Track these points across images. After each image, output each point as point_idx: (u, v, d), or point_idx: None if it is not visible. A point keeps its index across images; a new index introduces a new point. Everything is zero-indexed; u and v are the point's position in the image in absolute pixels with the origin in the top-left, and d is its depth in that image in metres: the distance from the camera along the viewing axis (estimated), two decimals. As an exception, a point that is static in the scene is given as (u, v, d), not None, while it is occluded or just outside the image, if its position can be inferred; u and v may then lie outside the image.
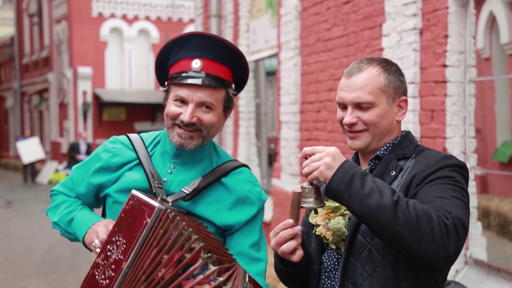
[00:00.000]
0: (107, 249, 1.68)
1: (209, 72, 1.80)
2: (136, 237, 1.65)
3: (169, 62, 1.86)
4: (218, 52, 1.82)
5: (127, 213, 1.68)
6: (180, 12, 20.66)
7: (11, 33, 27.53)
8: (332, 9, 5.90)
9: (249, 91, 8.56)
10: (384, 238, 1.51)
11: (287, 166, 6.90)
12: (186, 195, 1.81)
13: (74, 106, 19.63)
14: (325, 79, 6.04)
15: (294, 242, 1.63)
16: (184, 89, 1.79)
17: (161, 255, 1.63)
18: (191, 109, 1.78)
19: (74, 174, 1.99)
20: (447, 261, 1.46)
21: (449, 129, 4.18)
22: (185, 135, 1.80)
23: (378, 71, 1.71)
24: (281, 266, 1.76)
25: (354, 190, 1.50)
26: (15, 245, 8.98)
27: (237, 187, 1.88)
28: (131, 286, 1.65)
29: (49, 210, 2.00)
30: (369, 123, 1.70)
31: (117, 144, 1.94)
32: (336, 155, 1.56)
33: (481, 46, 9.27)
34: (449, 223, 1.46)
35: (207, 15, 9.32)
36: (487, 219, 7.77)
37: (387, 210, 1.46)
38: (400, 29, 4.60)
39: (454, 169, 1.62)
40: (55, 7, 21.08)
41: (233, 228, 1.87)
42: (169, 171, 1.87)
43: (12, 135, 27.25)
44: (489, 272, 4.02)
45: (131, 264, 1.65)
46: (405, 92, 1.77)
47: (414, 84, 4.44)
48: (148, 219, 1.64)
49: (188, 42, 1.82)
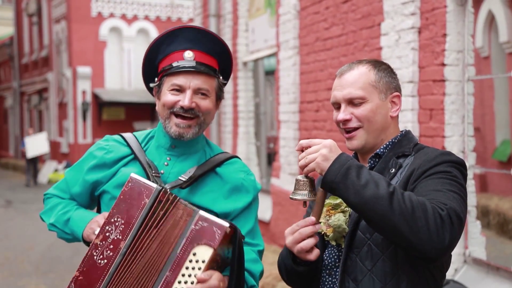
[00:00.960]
0: (106, 230, 1.68)
1: (201, 61, 1.86)
2: (134, 217, 1.66)
3: (158, 58, 1.90)
4: (206, 44, 1.88)
5: (126, 195, 1.69)
6: (179, 11, 20.67)
7: (11, 33, 27.52)
8: (331, 8, 5.90)
9: (248, 90, 8.56)
10: (380, 229, 1.52)
11: (286, 166, 6.90)
12: (183, 183, 1.84)
13: (73, 106, 19.63)
14: (324, 78, 6.04)
15: (313, 240, 1.63)
16: (180, 77, 1.84)
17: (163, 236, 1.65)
18: (190, 94, 1.82)
19: (67, 175, 2.01)
20: (442, 252, 1.48)
21: (448, 128, 4.19)
22: (183, 124, 1.84)
23: (368, 68, 1.75)
24: (292, 266, 1.73)
25: (350, 181, 1.51)
26: (14, 245, 8.99)
27: (232, 176, 1.91)
28: (130, 266, 1.65)
29: (44, 214, 2.01)
30: (363, 119, 1.72)
31: (110, 142, 1.98)
32: (333, 147, 1.57)
33: (480, 45, 9.27)
34: (443, 214, 1.48)
35: (206, 14, 9.32)
36: (487, 218, 7.77)
37: (382, 201, 1.47)
38: (399, 28, 4.60)
39: (452, 165, 1.64)
40: (54, 7, 21.07)
41: (230, 216, 1.89)
42: (166, 163, 1.90)
43: (12, 134, 27.24)
44: (488, 271, 4.02)
45: (130, 244, 1.66)
46: (398, 88, 1.79)
47: (412, 83, 4.44)
48: (147, 199, 1.67)
49: (178, 35, 1.87)
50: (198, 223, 1.64)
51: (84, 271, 1.69)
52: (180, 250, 1.64)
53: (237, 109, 8.55)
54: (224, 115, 8.92)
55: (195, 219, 1.65)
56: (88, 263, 1.68)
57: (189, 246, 1.64)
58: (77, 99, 19.57)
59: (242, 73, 8.55)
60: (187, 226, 1.65)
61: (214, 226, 1.64)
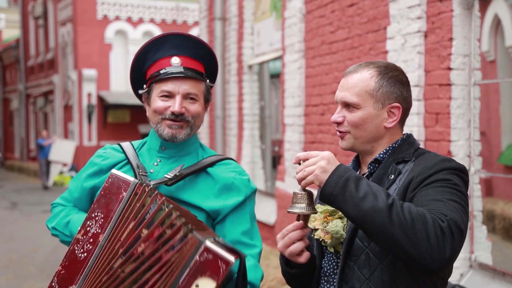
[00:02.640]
0: (87, 225, 1.73)
1: (188, 66, 1.91)
2: (113, 210, 1.70)
3: (146, 65, 1.95)
4: (192, 49, 1.94)
5: (106, 190, 1.73)
6: (185, 14, 20.71)
7: (17, 36, 27.64)
8: (337, 11, 5.89)
9: (253, 93, 8.56)
10: (379, 242, 1.50)
11: (291, 169, 6.90)
12: (168, 180, 1.87)
13: (78, 108, 19.68)
14: (330, 82, 6.03)
15: (302, 244, 1.65)
16: (169, 83, 1.89)
17: (140, 229, 1.67)
18: (180, 100, 1.88)
19: (70, 185, 2.09)
20: (443, 264, 1.45)
21: (453, 132, 4.17)
22: (175, 126, 1.90)
23: (370, 74, 1.71)
24: (286, 269, 1.77)
25: (348, 193, 1.49)
26: (19, 247, 9.00)
27: (222, 175, 1.93)
28: (108, 259, 1.68)
29: (49, 221, 2.08)
30: (351, 124, 1.72)
31: (108, 149, 2.06)
32: (331, 158, 1.55)
33: (486, 49, 9.25)
34: (444, 226, 1.45)
35: (211, 17, 9.33)
36: (492, 223, 7.74)
37: (381, 213, 1.45)
38: (405, 32, 4.59)
39: (452, 172, 1.61)
40: (60, 10, 21.15)
41: (221, 214, 1.90)
42: (155, 163, 1.96)
43: (17, 137, 27.33)
44: (494, 276, 4.00)
45: (108, 237, 1.69)
46: (399, 99, 1.73)
47: (418, 87, 4.43)
48: (124, 193, 1.70)
49: (164, 42, 1.94)
50: (203, 255, 1.62)
51: (66, 265, 1.74)
52: (182, 281, 1.63)
53: (242, 112, 8.55)
54: (229, 118, 8.92)
55: (200, 250, 1.63)
56: (70, 257, 1.74)
57: (192, 277, 1.62)
58: (82, 102, 19.62)
59: (247, 76, 8.55)
60: (191, 256, 1.63)
61: (220, 260, 1.60)
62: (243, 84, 8.56)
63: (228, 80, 8.90)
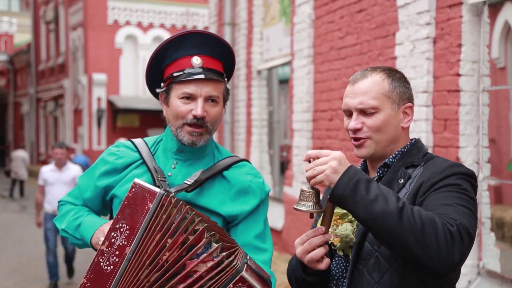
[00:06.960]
0: (111, 236, 1.69)
1: (209, 67, 1.87)
2: (139, 222, 1.67)
3: (165, 63, 1.90)
4: (213, 48, 1.90)
5: (130, 200, 1.70)
6: (195, 20, 20.78)
7: (28, 40, 27.88)
8: (346, 17, 5.90)
9: (261, 98, 8.57)
10: (388, 245, 1.50)
11: (299, 174, 6.89)
12: (189, 186, 1.84)
13: (88, 113, 19.79)
14: (338, 88, 6.03)
15: (323, 249, 1.63)
16: (191, 85, 1.84)
17: (165, 239, 1.65)
18: (202, 103, 1.84)
19: (80, 182, 2.04)
20: (451, 268, 1.46)
21: (462, 139, 4.16)
22: (196, 133, 1.86)
23: (382, 77, 1.72)
24: (303, 276, 1.73)
25: (359, 195, 1.49)
26: (28, 250, 9.04)
27: (238, 179, 1.91)
28: (136, 271, 1.66)
29: (57, 220, 2.03)
30: (373, 129, 1.70)
31: (121, 148, 2.00)
32: (342, 159, 1.55)
33: (496, 56, 9.21)
34: (453, 230, 1.45)
35: (221, 23, 9.36)
36: (501, 230, 7.68)
37: (392, 216, 1.45)
38: (414, 38, 4.59)
39: (462, 177, 1.61)
40: (71, 15, 21.30)
41: (237, 219, 1.89)
42: (173, 166, 1.92)
43: (28, 140, 27.49)
44: (502, 283, 3.97)
45: (135, 249, 1.67)
46: (411, 99, 1.76)
47: (427, 93, 4.42)
48: (150, 204, 1.67)
49: (185, 40, 1.88)
50: (237, 285, 1.64)
51: (91, 278, 1.70)
52: None
53: (251, 117, 8.56)
54: (238, 123, 8.94)
55: (235, 279, 1.64)
56: (95, 270, 1.70)
57: None
58: (92, 106, 19.73)
59: (256, 81, 8.56)
60: (225, 283, 1.64)
61: None
62: (251, 89, 8.57)
63: (237, 85, 8.92)
